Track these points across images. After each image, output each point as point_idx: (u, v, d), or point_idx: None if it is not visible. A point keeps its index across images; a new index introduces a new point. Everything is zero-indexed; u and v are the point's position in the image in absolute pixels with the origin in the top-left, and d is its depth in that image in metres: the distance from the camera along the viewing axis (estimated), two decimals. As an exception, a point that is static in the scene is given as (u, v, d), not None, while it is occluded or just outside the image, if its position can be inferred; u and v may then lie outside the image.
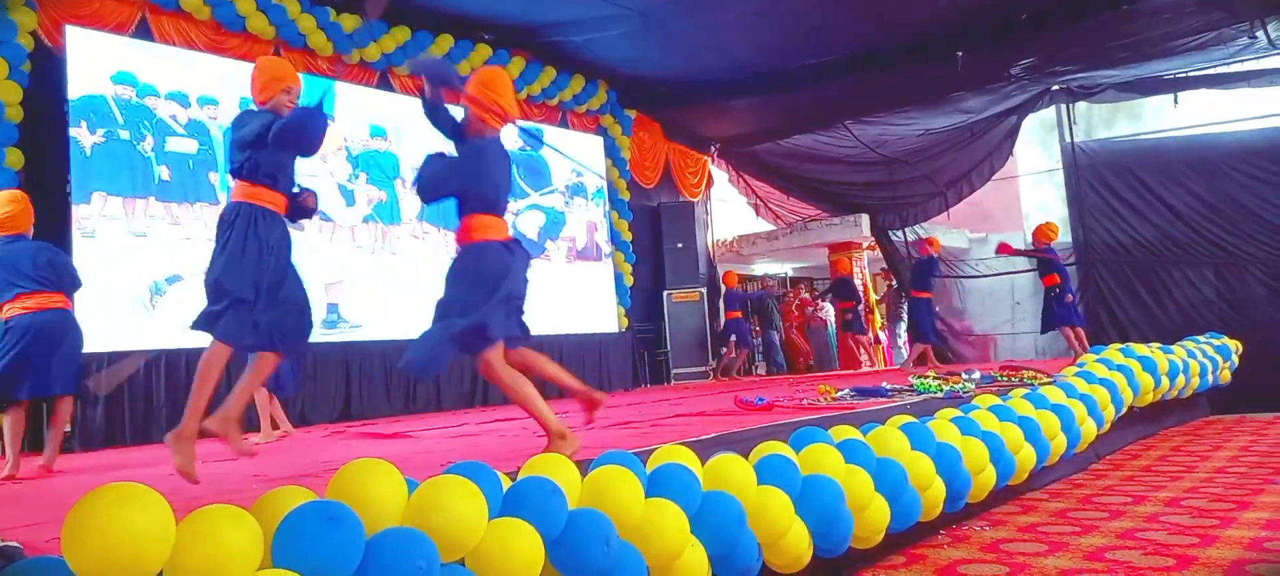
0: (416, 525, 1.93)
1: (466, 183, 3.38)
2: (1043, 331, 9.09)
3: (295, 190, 3.71)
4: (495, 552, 2.02)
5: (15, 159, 6.23)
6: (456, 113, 3.68)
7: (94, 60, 6.58)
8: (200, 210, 6.92)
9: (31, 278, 4.49)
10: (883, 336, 12.94)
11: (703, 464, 2.79)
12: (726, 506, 2.56)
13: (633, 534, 2.35)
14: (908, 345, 12.11)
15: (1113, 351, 6.03)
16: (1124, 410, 5.58)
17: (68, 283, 4.76)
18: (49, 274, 4.58)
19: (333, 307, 7.50)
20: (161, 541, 1.59)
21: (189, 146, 6.93)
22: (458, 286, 3.34)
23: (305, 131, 3.41)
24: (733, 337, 10.79)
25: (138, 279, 6.53)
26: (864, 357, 11.70)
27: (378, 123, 8.32)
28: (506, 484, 2.24)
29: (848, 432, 3.39)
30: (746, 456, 2.94)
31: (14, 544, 1.89)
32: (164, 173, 6.77)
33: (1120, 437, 6.21)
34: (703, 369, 10.82)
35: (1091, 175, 10.29)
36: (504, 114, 3.54)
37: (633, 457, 2.59)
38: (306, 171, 7.58)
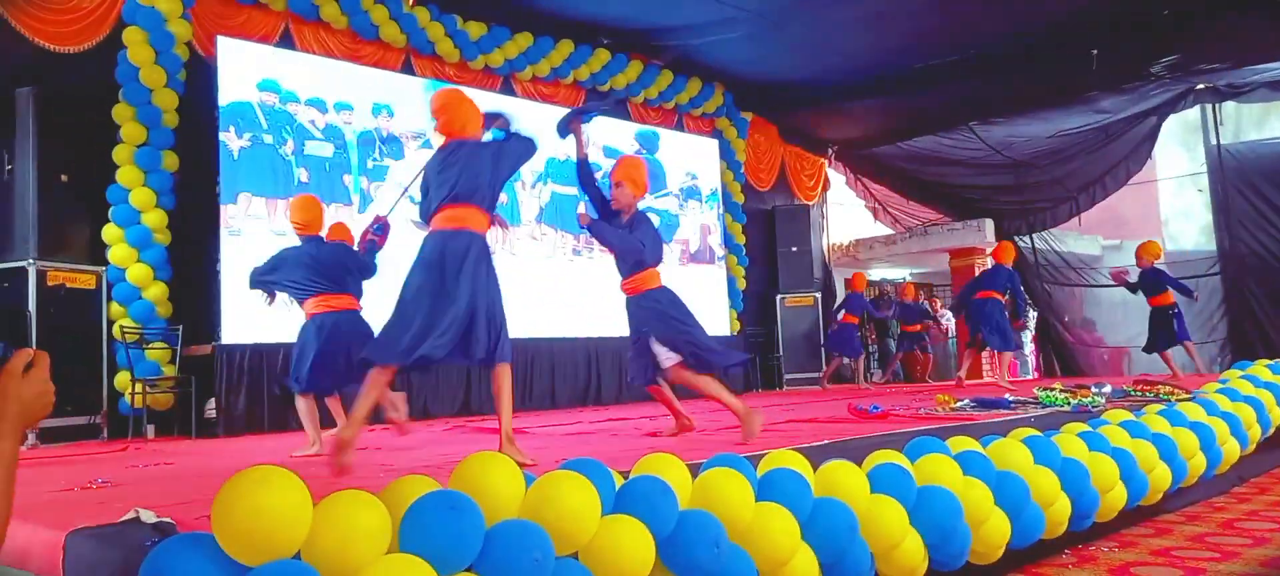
0: (533, 518, 2.00)
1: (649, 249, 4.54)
2: (1149, 350, 8.58)
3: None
4: (607, 548, 2.06)
5: (171, 161, 6.73)
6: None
7: (242, 68, 7.03)
8: (335, 210, 7.29)
9: (329, 279, 4.69)
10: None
11: (814, 470, 2.77)
12: (838, 513, 2.54)
13: (742, 537, 2.36)
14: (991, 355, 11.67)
15: (1259, 367, 5.64)
16: (1270, 431, 5.21)
17: (355, 281, 4.89)
18: (338, 274, 4.76)
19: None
20: (299, 521, 1.71)
21: (325, 150, 7.32)
22: (669, 320, 4.44)
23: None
24: (836, 350, 10.34)
25: (278, 276, 6.94)
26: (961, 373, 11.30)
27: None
28: (619, 482, 2.29)
29: (966, 444, 3.30)
30: (859, 464, 2.91)
31: (168, 520, 2.06)
32: (303, 175, 7.17)
33: (1267, 460, 5.79)
34: (815, 375, 10.67)
35: (1239, 179, 9.64)
36: (646, 190, 4.66)
37: (744, 461, 2.60)
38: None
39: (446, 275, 3.52)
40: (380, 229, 4.80)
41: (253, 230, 6.90)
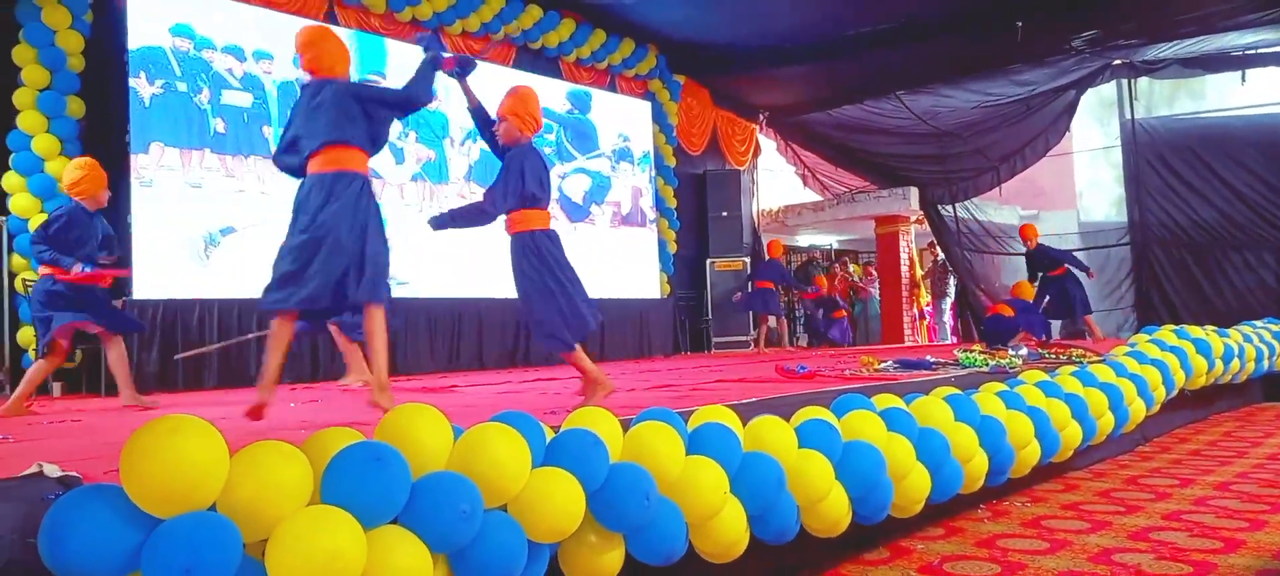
0: (461, 470, 1.96)
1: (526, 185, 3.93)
2: (1054, 317, 9.01)
3: None
4: (537, 500, 2.04)
5: (76, 108, 6.39)
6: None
7: (153, 11, 6.69)
8: (253, 163, 7.03)
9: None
10: (927, 312, 12.76)
11: (743, 426, 2.79)
12: (766, 467, 2.57)
13: (672, 489, 2.36)
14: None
15: (1166, 332, 5.90)
16: (1175, 392, 5.46)
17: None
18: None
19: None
20: (215, 472, 1.64)
21: (244, 100, 7.05)
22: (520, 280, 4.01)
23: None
24: (753, 311, 10.51)
25: (193, 229, 6.68)
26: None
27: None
28: (550, 435, 2.27)
29: (890, 401, 3.37)
30: (787, 421, 2.94)
31: (74, 474, 1.96)
32: (219, 125, 6.89)
33: (1170, 421, 6.09)
34: (744, 338, 10.78)
35: (1151, 153, 10.02)
36: (538, 125, 4.11)
37: (675, 415, 2.60)
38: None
39: (318, 216, 3.44)
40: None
41: (166, 182, 6.62)
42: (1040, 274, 9.15)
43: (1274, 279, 9.36)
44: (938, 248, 12.16)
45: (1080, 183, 12.36)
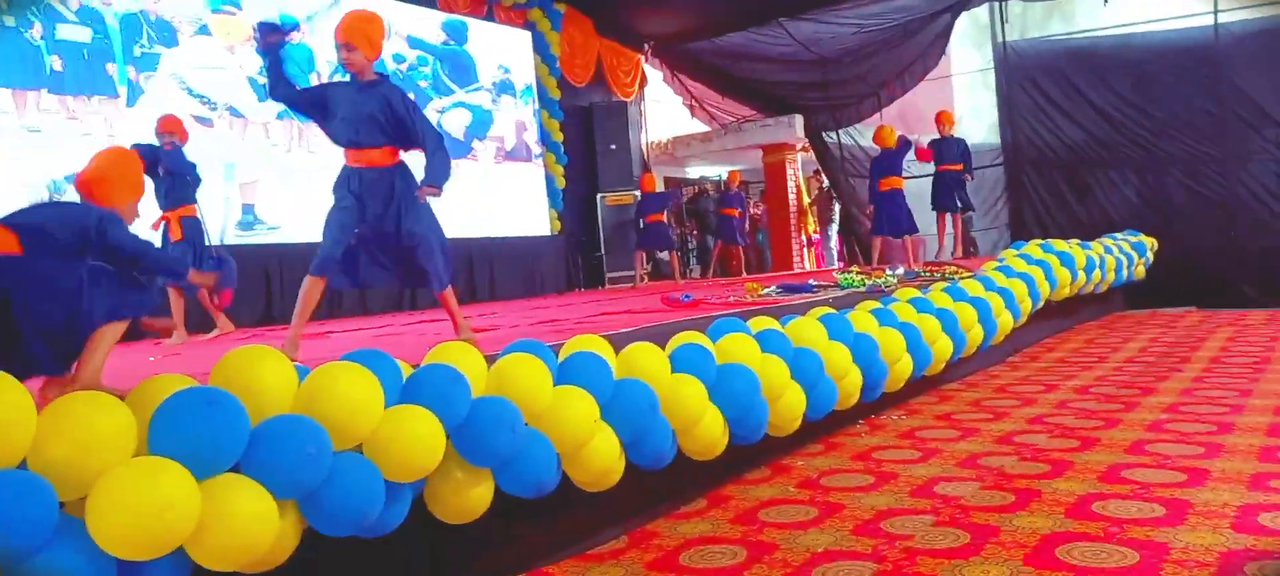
0: (307, 412, 1.86)
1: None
2: (935, 207, 8.85)
3: None
4: (393, 439, 1.95)
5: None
6: None
7: (-27, -61, 6.06)
8: (99, 104, 6.52)
9: None
10: (814, 239, 13.02)
11: (617, 354, 2.75)
12: (638, 393, 2.54)
13: (540, 421, 2.31)
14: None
15: (1032, 247, 6.15)
16: (1041, 303, 5.71)
17: None
18: None
19: (248, 209, 7.22)
20: (19, 426, 1.50)
21: (82, 34, 6.49)
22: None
23: None
24: (646, 249, 10.42)
25: (35, 177, 6.17)
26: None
27: (289, 11, 7.90)
28: (407, 372, 2.17)
29: (765, 323, 3.38)
30: (663, 348, 2.92)
31: None
32: (56, 63, 6.35)
33: (1037, 331, 6.39)
34: (633, 272, 10.76)
35: (1022, 76, 10.34)
36: (378, 52, 3.70)
37: (542, 346, 2.54)
38: (214, 63, 7.21)
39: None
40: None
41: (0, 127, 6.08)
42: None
43: (1135, 194, 9.85)
44: (822, 175, 12.37)
45: (960, 107, 12.70)
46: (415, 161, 3.75)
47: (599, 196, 10.97)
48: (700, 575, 2.40)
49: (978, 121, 12.12)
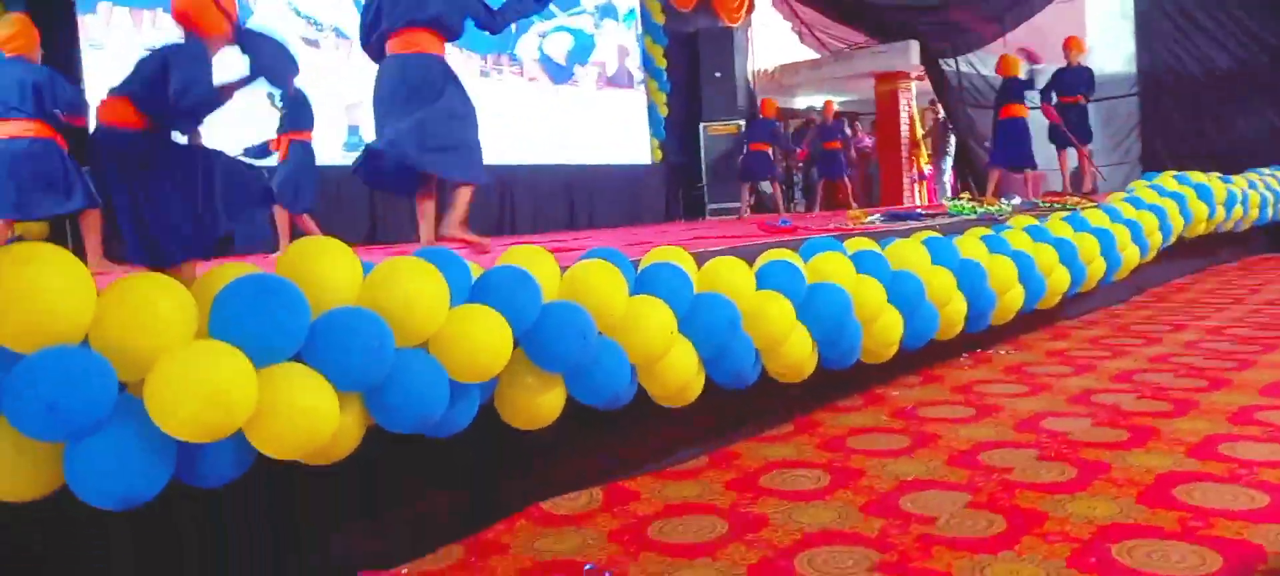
0: (371, 307, 1.81)
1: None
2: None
3: None
4: (458, 338, 1.90)
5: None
6: None
7: None
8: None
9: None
10: (927, 174, 12.44)
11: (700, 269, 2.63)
12: (718, 307, 2.42)
13: (614, 330, 2.22)
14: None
15: (1166, 178, 5.67)
16: (1172, 239, 5.27)
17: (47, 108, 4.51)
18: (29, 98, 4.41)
19: (353, 129, 7.34)
20: (78, 303, 1.49)
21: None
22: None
23: None
24: (748, 180, 10.00)
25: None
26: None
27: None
28: (477, 273, 2.11)
29: (863, 244, 3.19)
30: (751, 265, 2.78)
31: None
32: (172, -15, 6.53)
33: (1167, 270, 5.92)
34: (736, 204, 10.52)
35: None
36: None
37: (620, 255, 2.44)
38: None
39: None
40: None
41: (119, 44, 6.31)
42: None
43: (1286, 128, 9.00)
44: (938, 106, 11.77)
45: (1092, 33, 11.82)
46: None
47: (702, 125, 10.73)
48: (780, 497, 2.30)
49: (1114, 51, 11.27)
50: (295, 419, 1.62)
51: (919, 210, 5.39)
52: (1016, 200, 5.61)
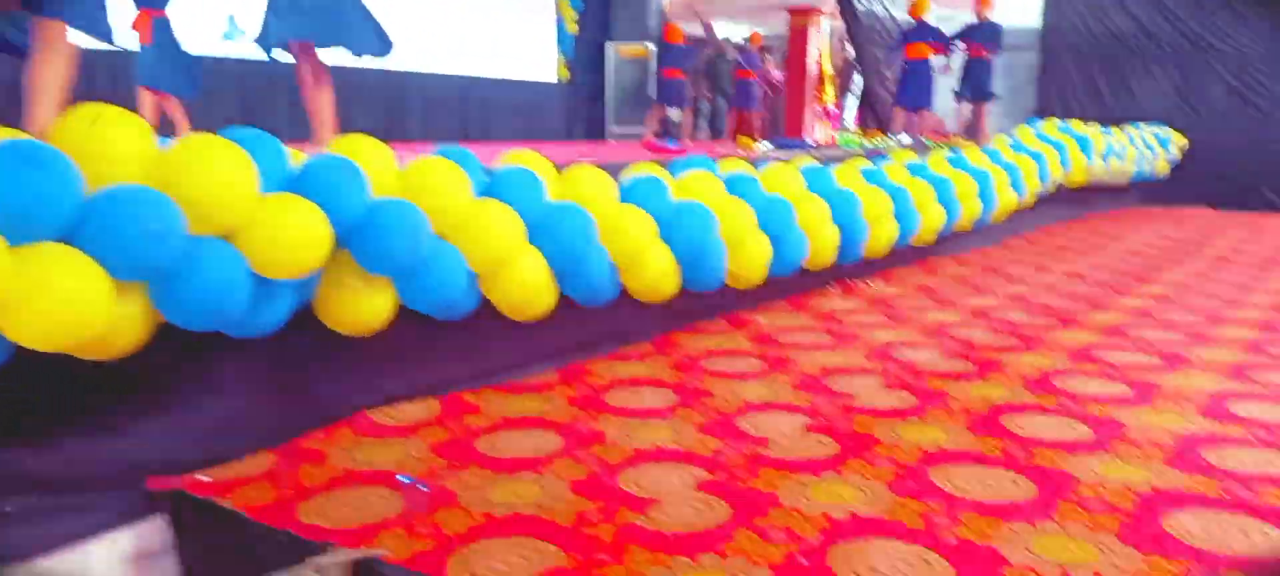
0: (165, 188, 1.64)
1: None
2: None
3: None
4: (267, 228, 1.74)
5: None
6: None
7: None
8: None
9: None
10: (831, 110, 12.48)
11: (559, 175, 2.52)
12: (571, 217, 2.32)
13: (455, 233, 2.10)
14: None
15: (1048, 125, 5.79)
16: (1049, 185, 5.40)
17: None
18: None
19: (230, 19, 6.89)
20: None
21: None
22: None
23: None
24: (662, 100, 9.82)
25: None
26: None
27: None
28: (296, 157, 1.95)
29: (737, 166, 3.13)
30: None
31: None
32: None
33: (1043, 216, 6.07)
34: (640, 129, 10.37)
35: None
36: None
37: (469, 155, 2.31)
38: None
39: None
40: None
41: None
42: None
43: (1173, 90, 9.31)
44: (847, 43, 11.77)
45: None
46: None
47: (609, 44, 10.49)
48: (621, 414, 2.24)
49: (1023, 7, 11.42)
50: (53, 305, 1.45)
51: (809, 140, 5.36)
52: (905, 138, 5.64)
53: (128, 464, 1.83)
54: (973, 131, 8.45)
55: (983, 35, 8.06)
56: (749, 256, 2.95)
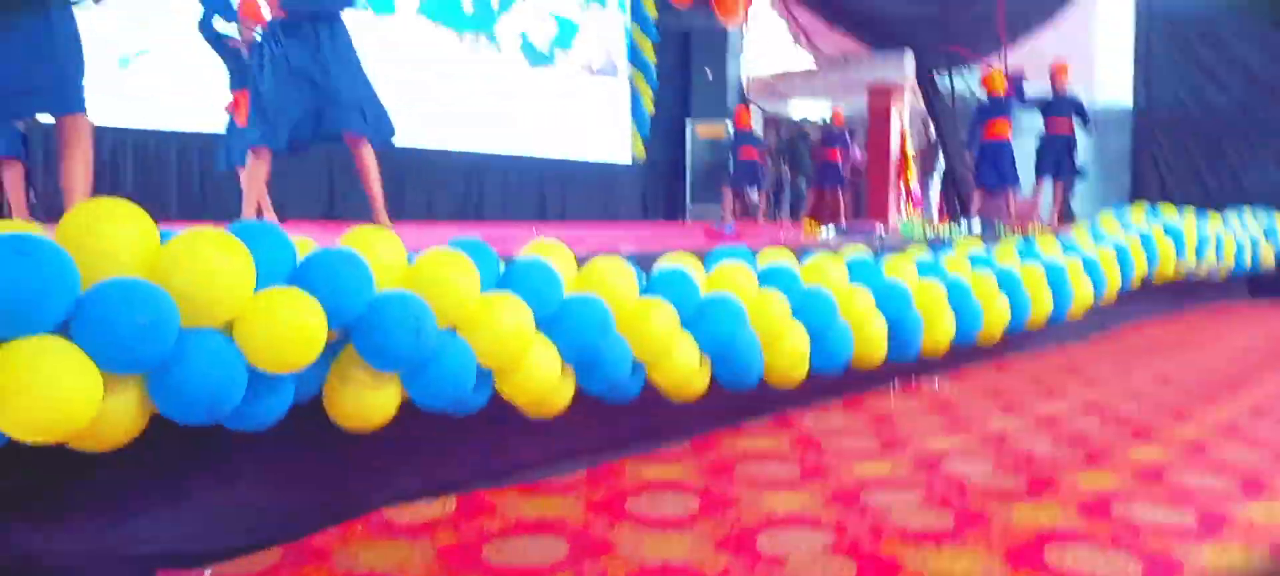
0: (162, 282, 1.64)
1: None
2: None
3: None
4: (263, 322, 1.73)
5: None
6: None
7: None
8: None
9: None
10: (917, 190, 12.20)
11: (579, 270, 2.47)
12: (586, 310, 2.25)
13: (463, 327, 2.06)
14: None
15: (1135, 211, 5.47)
16: (1134, 279, 5.07)
17: None
18: None
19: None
20: None
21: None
22: None
23: None
24: (735, 187, 9.72)
25: (103, 50, 6.21)
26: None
27: None
28: (304, 251, 1.94)
29: (776, 256, 3.02)
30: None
31: None
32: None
33: (1139, 308, 5.68)
34: (717, 209, 10.33)
35: (1166, 28, 9.30)
36: None
37: (481, 246, 2.26)
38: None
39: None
40: None
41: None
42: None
43: (1280, 173, 8.78)
44: (929, 124, 11.54)
45: (1100, 68, 11.56)
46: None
47: (690, 124, 10.53)
48: (639, 522, 2.14)
49: (1117, 76, 11.03)
50: (38, 399, 1.45)
51: (879, 227, 5.21)
52: (977, 225, 5.42)
53: (137, 552, 1.82)
54: (1064, 214, 8.10)
55: (1062, 109, 7.76)
56: (785, 352, 2.82)
